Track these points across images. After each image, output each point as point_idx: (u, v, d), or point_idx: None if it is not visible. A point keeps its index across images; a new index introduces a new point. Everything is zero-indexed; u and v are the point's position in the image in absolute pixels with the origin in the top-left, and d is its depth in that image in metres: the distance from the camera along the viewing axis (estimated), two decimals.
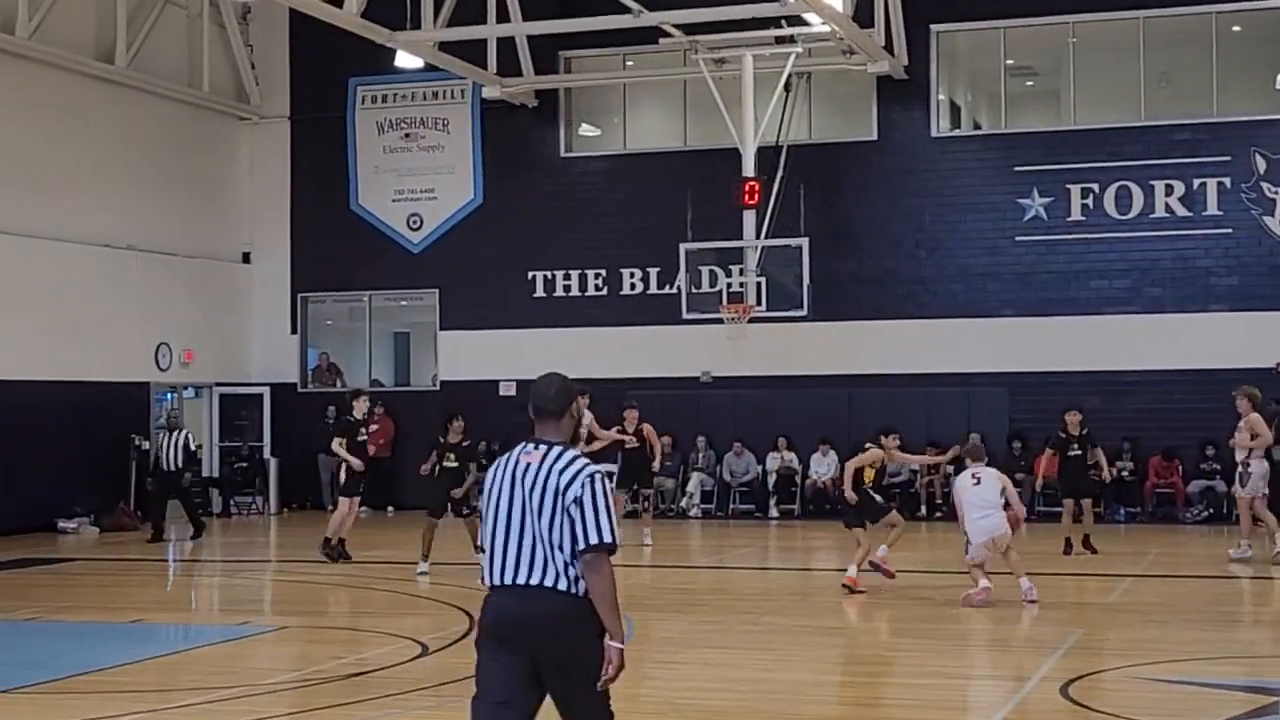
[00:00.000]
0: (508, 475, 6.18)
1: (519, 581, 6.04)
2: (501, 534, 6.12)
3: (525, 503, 6.10)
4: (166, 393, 27.36)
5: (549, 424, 6.33)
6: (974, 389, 25.11)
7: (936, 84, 25.93)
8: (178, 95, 27.22)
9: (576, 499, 6.06)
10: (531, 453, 6.20)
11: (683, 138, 27.47)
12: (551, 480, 6.09)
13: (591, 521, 6.04)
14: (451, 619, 14.00)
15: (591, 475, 6.13)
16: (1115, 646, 12.48)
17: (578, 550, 6.03)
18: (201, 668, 11.97)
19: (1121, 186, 24.88)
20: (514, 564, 6.06)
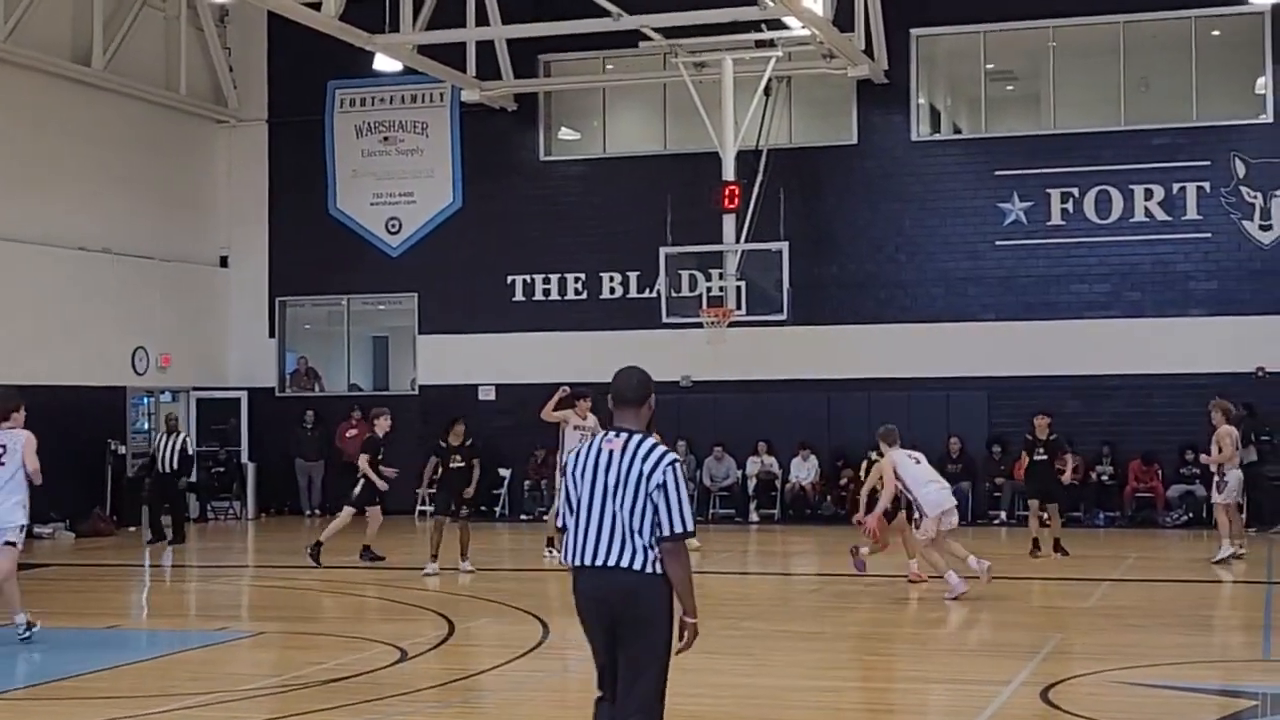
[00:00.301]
0: (590, 462, 6.70)
1: (600, 563, 6.61)
2: (584, 518, 6.66)
3: (608, 488, 6.62)
4: (143, 397, 27.31)
5: (629, 413, 6.84)
6: (954, 393, 25.19)
7: (916, 88, 26.01)
8: (155, 98, 27.18)
9: (660, 485, 6.59)
10: (613, 440, 6.71)
11: (662, 141, 27.51)
12: (635, 467, 6.61)
13: (675, 510, 6.58)
14: (431, 624, 14.01)
15: (672, 463, 6.64)
16: (1093, 651, 12.53)
17: (660, 537, 6.58)
18: (178, 674, 11.96)
19: (1101, 191, 24.98)
20: (595, 546, 6.62)
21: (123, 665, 12.29)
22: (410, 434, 27.37)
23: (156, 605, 17.30)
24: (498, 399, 26.98)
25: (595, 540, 6.64)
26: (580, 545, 6.68)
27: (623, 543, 6.60)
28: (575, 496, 6.72)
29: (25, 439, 12.76)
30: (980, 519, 24.55)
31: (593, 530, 6.64)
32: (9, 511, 12.67)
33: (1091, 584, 16.99)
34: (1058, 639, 13.07)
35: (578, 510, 6.71)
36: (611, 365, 25.41)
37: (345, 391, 28.91)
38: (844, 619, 14.87)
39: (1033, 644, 12.87)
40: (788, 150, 25.94)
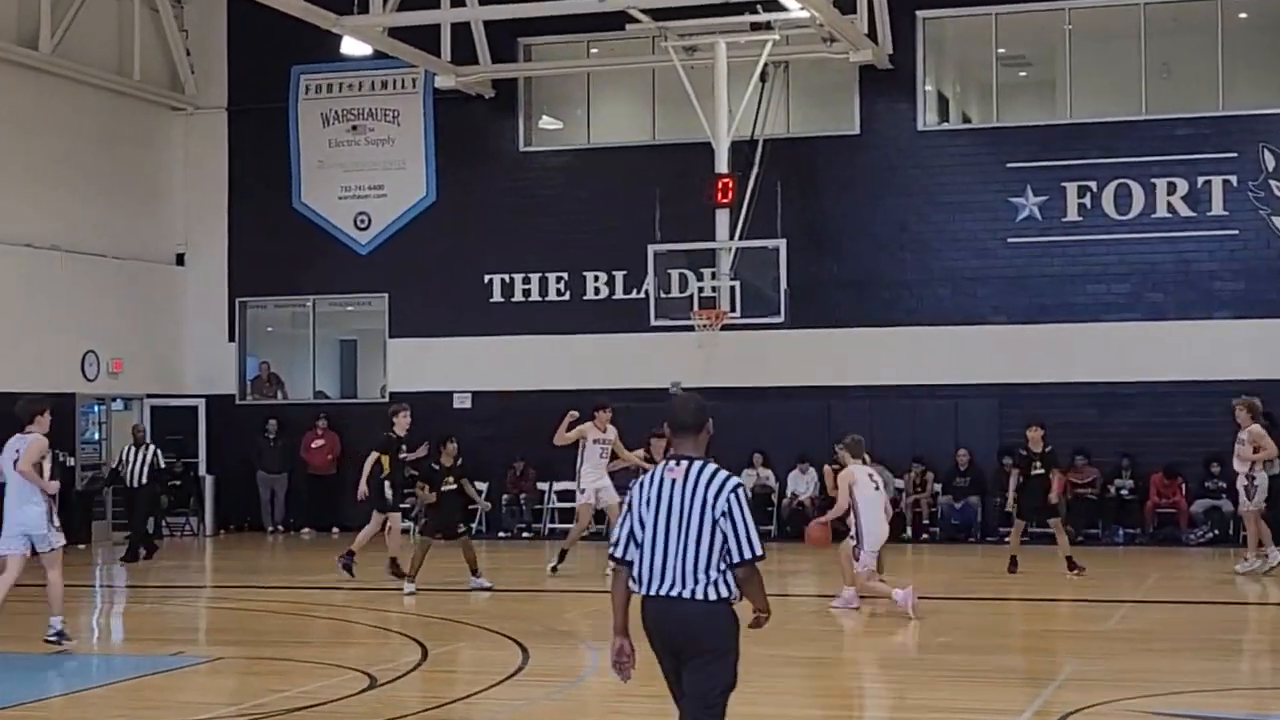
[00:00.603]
0: (654, 492, 7.10)
1: (665, 593, 7.06)
2: (650, 548, 7.09)
3: (672, 518, 7.04)
4: (93, 404, 27.25)
5: (688, 439, 7.24)
6: (963, 401, 25.20)
7: (923, 74, 26.03)
8: (106, 84, 27.13)
9: (725, 513, 7.01)
10: (675, 469, 7.11)
11: (651, 131, 27.50)
12: (699, 494, 7.02)
13: (743, 536, 7.02)
14: (401, 649, 13.99)
15: (735, 488, 7.07)
16: (1112, 678, 12.53)
17: (732, 564, 7.01)
18: (131, 702, 11.93)
19: (1120, 185, 25.01)
20: (662, 577, 7.06)
21: (71, 693, 12.26)
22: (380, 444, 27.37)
23: (107, 628, 17.25)
24: (474, 407, 26.96)
25: (662, 571, 7.06)
26: (648, 576, 7.11)
27: (689, 573, 7.02)
28: (640, 527, 7.12)
29: (30, 442, 13.69)
30: (990, 536, 24.56)
31: (659, 560, 7.06)
32: (29, 515, 13.75)
33: (1110, 606, 17.00)
34: (1074, 665, 13.08)
35: (643, 541, 7.11)
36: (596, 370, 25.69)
37: (310, 399, 28.87)
38: (846, 643, 14.86)
39: (1047, 670, 12.87)
40: (785, 141, 25.95)
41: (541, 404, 26.54)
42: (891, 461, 25.25)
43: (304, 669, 13.13)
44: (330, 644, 14.93)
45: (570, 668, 13.08)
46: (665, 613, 7.09)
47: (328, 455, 27.64)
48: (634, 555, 7.15)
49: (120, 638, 16.57)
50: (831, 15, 23.17)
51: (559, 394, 26.53)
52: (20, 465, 13.60)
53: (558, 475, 26.39)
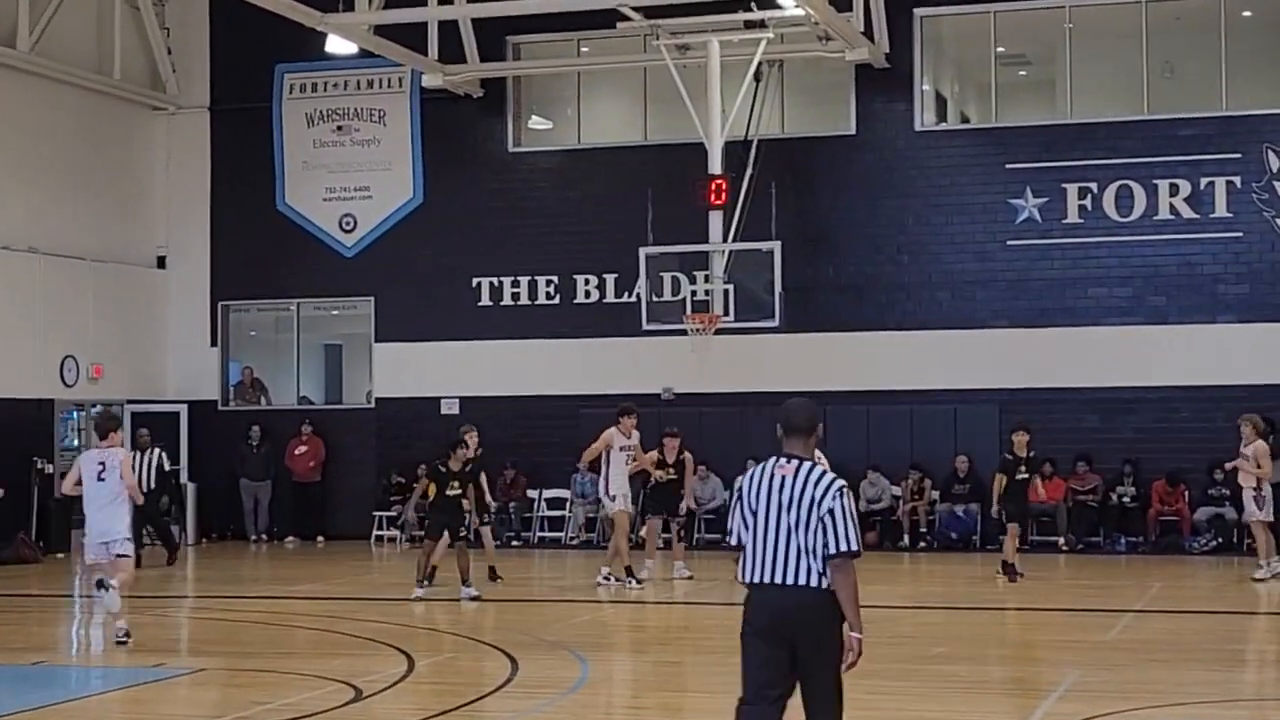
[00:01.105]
0: (764, 487, 7.79)
1: (778, 581, 7.68)
2: (761, 539, 7.74)
3: (783, 511, 7.71)
4: (72, 411, 27.21)
5: (799, 441, 7.90)
6: (962, 407, 25.21)
7: (921, 73, 26.06)
8: (86, 83, 27.12)
9: (830, 510, 7.67)
10: (785, 466, 7.80)
11: (643, 131, 27.51)
12: (808, 492, 7.69)
13: (842, 531, 7.65)
14: (387, 660, 13.98)
15: (840, 489, 7.73)
16: (1115, 689, 12.55)
17: (828, 555, 7.63)
18: (110, 714, 11.92)
19: (1122, 186, 25.04)
20: (773, 566, 7.70)
21: (49, 705, 12.22)
22: (366, 451, 27.41)
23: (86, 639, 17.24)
24: (462, 413, 26.92)
25: (773, 559, 7.71)
26: (759, 564, 7.74)
27: (799, 562, 7.68)
28: (751, 518, 7.79)
29: (122, 456, 15.11)
30: (990, 545, 24.54)
31: (769, 550, 7.73)
32: (115, 522, 15.02)
33: (1113, 615, 17.02)
34: (1076, 676, 13.09)
35: (754, 531, 7.77)
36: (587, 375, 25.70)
37: (294, 405, 28.86)
38: None
39: (1049, 681, 12.89)
40: (780, 141, 25.97)
41: (531, 410, 26.64)
42: (889, 469, 25.31)
43: (288, 681, 13.12)
44: (314, 655, 14.91)
45: (561, 679, 13.08)
46: (775, 599, 7.70)
47: (311, 463, 27.62)
48: (745, 544, 7.80)
49: (100, 649, 16.53)
50: (827, 13, 23.18)
51: (549, 399, 26.63)
52: (127, 480, 15.01)
53: (547, 483, 26.43)
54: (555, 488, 26.61)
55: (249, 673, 13.90)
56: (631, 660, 14.35)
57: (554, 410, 26.61)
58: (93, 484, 14.94)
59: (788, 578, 7.68)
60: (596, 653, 14.42)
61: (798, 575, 7.67)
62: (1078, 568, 22.47)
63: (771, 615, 7.72)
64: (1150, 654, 14.47)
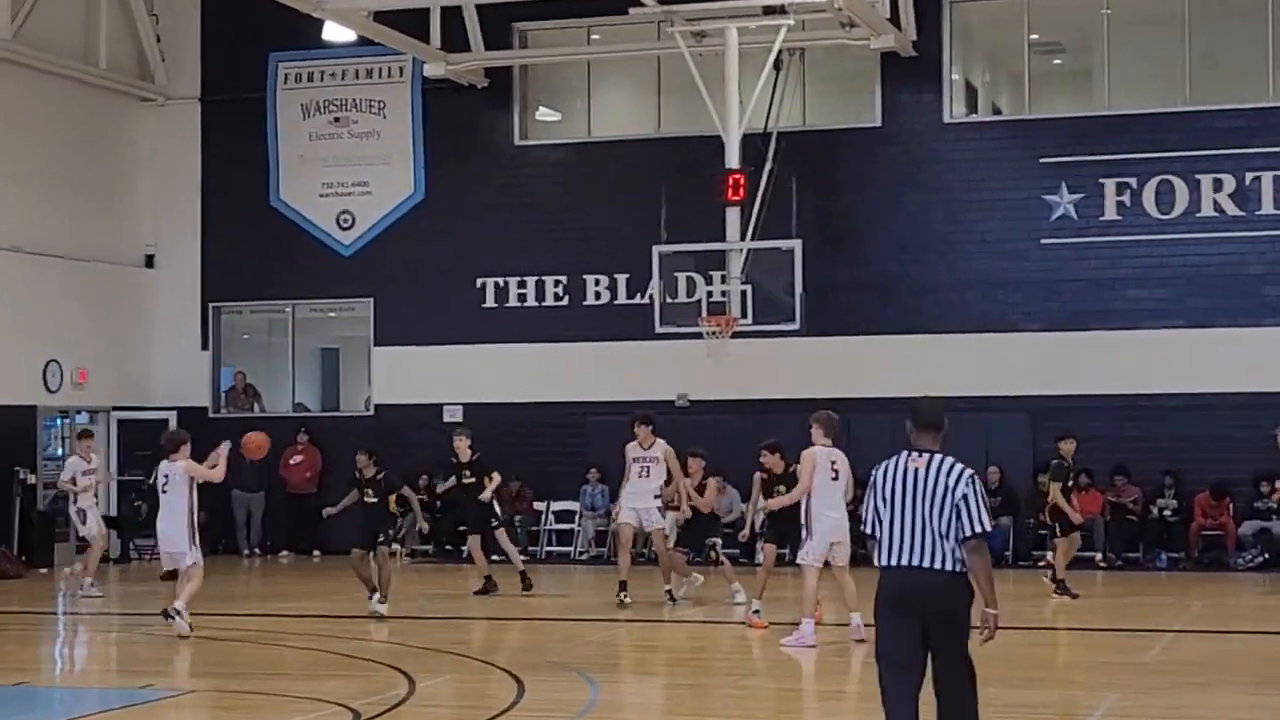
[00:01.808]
0: (899, 478, 8.87)
1: (913, 564, 8.70)
2: (898, 525, 8.77)
3: (917, 500, 8.76)
4: (56, 418, 27.27)
5: (930, 435, 9.08)
6: (993, 415, 25.18)
7: (950, 62, 26.05)
8: (71, 73, 27.18)
9: (964, 496, 8.76)
10: (917, 459, 8.91)
11: (656, 123, 27.54)
12: (941, 481, 8.79)
13: (975, 514, 8.73)
14: (386, 681, 13.99)
15: (971, 476, 8.85)
16: (1154, 713, 12.54)
17: (963, 537, 8.69)
18: None
19: (1163, 181, 25.02)
20: (909, 549, 8.72)
21: None
22: None
23: (72, 659, 17.27)
24: (466, 420, 26.94)
25: (910, 544, 8.74)
26: (894, 549, 8.78)
27: (933, 546, 8.70)
28: (885, 508, 8.86)
29: (182, 467, 17.28)
30: (1023, 561, 24.54)
31: (905, 535, 8.75)
32: (177, 536, 17.15)
33: (1152, 635, 17.00)
34: (1114, 699, 13.07)
35: (888, 520, 8.82)
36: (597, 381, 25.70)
37: (289, 412, 28.89)
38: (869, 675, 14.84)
39: (1085, 705, 12.87)
40: (801, 134, 25.98)
41: (538, 417, 26.65)
42: None
43: (282, 703, 13.13)
44: (310, 676, 14.92)
45: (569, 702, 13.08)
46: (910, 580, 8.72)
47: (307, 473, 27.66)
48: (880, 532, 8.84)
49: (84, 669, 16.57)
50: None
51: (556, 407, 26.63)
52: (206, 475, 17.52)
53: (555, 494, 26.45)
54: (563, 500, 26.62)
55: (240, 694, 13.91)
56: (644, 683, 14.36)
57: (562, 418, 26.63)
58: (161, 496, 17.39)
59: (922, 561, 8.70)
60: (607, 675, 14.42)
61: (932, 559, 8.70)
62: (1115, 585, 22.44)
63: (906, 595, 8.73)
64: (1191, 676, 14.43)
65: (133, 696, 13.56)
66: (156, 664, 16.41)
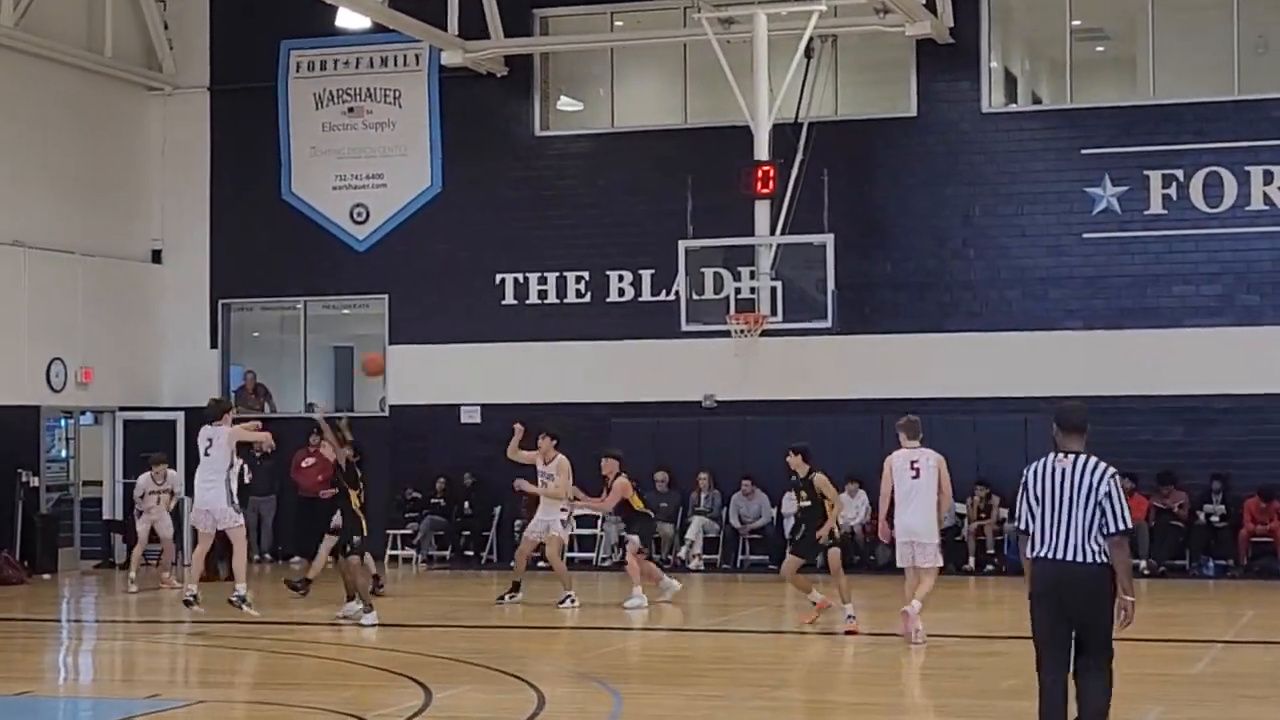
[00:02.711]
0: (1048, 478, 10.00)
1: (1061, 557, 9.85)
2: (1048, 521, 9.92)
3: (1064, 498, 9.89)
4: (60, 418, 27.33)
5: (1075, 438, 10.16)
6: (1032, 416, 25.01)
7: (988, 49, 26.00)
8: (76, 61, 27.23)
9: (1106, 494, 9.86)
10: (1064, 460, 10.02)
11: (682, 113, 27.51)
12: (1086, 480, 9.90)
13: (1119, 512, 9.86)
14: (401, 691, 13.98)
15: (1113, 475, 9.93)
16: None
17: (1108, 534, 9.82)
18: None
19: (1210, 173, 24.93)
20: (1058, 544, 9.87)
21: None
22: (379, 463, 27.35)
23: (75, 668, 17.29)
24: (484, 422, 26.95)
25: (1058, 539, 9.87)
26: (1044, 543, 9.92)
27: (1079, 541, 9.82)
28: (1036, 505, 9.99)
29: (227, 432, 18.58)
30: None
31: (1055, 531, 9.89)
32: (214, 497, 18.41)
33: (1199, 646, 16.93)
34: (1158, 712, 13.02)
35: (1040, 517, 9.96)
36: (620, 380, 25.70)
37: (301, 413, 28.86)
38: (899, 687, 14.80)
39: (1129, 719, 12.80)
40: (833, 124, 25.94)
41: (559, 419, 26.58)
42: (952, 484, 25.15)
43: (294, 714, 13.13)
44: (322, 686, 14.92)
45: (591, 713, 13.06)
46: (1059, 572, 9.84)
47: (319, 476, 27.53)
48: (1033, 527, 9.96)
49: (89, 679, 16.60)
50: None
51: (579, 407, 26.60)
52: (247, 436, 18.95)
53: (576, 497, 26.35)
54: None
55: (251, 705, 13.94)
56: (669, 693, 14.31)
57: (585, 419, 26.58)
58: (203, 459, 18.42)
59: (1069, 554, 9.81)
60: (630, 685, 14.39)
61: (1078, 552, 9.80)
62: (1161, 593, 22.34)
63: (1056, 585, 9.86)
64: (1241, 689, 14.37)
65: (138, 707, 13.56)
66: (163, 674, 16.46)
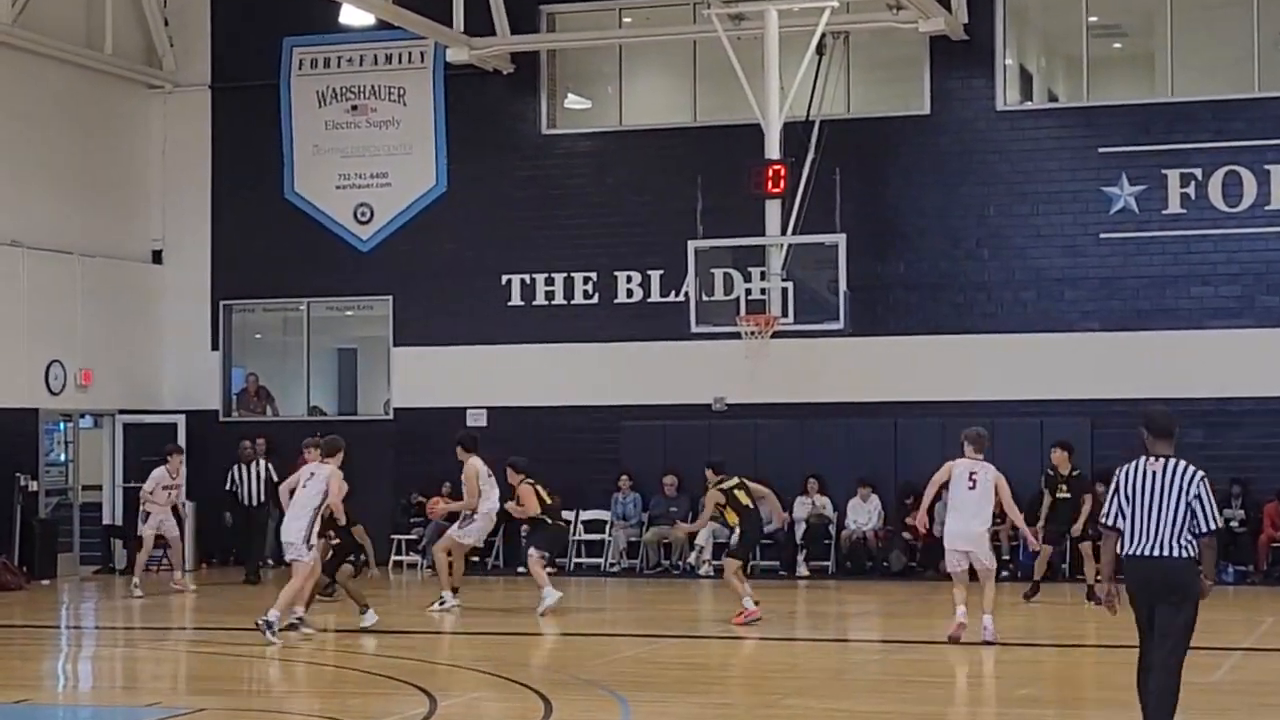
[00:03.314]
0: (1139, 479, 10.84)
1: (1154, 554, 10.70)
2: (1139, 520, 10.78)
3: (1155, 500, 10.73)
4: (59, 422, 27.35)
5: (1165, 442, 10.94)
6: (1049, 419, 25.10)
7: (1003, 46, 25.99)
8: (74, 59, 27.25)
9: (1196, 495, 10.71)
10: (1154, 463, 10.86)
11: (691, 111, 27.52)
12: (1176, 482, 10.74)
13: (1209, 513, 10.72)
14: (406, 699, 14.00)
15: (1203, 478, 10.77)
16: None
17: (1199, 534, 10.71)
18: None
19: (1230, 172, 24.92)
20: (1149, 541, 10.72)
21: None
22: (383, 467, 27.41)
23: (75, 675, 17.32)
24: (490, 425, 26.97)
25: (1149, 537, 10.72)
26: (1136, 540, 10.79)
27: (1169, 538, 10.67)
28: (1128, 505, 10.85)
29: (330, 473, 18.19)
30: (1079, 574, 24.44)
31: (1146, 529, 10.75)
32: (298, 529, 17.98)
33: (1219, 654, 16.89)
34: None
35: (1131, 516, 10.82)
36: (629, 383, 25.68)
37: (304, 416, 28.93)
38: (914, 696, 14.81)
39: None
40: (845, 122, 25.94)
41: (566, 422, 26.65)
42: None
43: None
44: (326, 694, 14.95)
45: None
46: (1150, 567, 10.70)
47: None
48: (1123, 525, 10.83)
49: (89, 686, 16.63)
50: None
51: (586, 411, 26.64)
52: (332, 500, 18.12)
53: (586, 503, 26.43)
54: (594, 509, 26.62)
55: (254, 713, 13.95)
56: (679, 702, 14.33)
57: (592, 423, 26.63)
58: (300, 489, 18.15)
59: (1159, 550, 10.67)
60: (639, 693, 14.39)
61: (1169, 548, 10.65)
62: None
63: (1147, 579, 10.73)
64: (1261, 697, 14.37)
65: (139, 715, 13.59)
66: (164, 681, 16.48)
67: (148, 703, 14.28)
